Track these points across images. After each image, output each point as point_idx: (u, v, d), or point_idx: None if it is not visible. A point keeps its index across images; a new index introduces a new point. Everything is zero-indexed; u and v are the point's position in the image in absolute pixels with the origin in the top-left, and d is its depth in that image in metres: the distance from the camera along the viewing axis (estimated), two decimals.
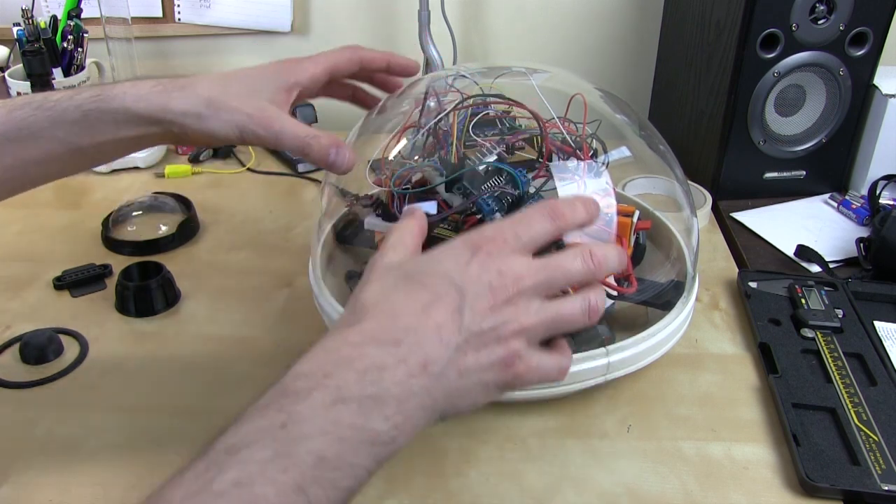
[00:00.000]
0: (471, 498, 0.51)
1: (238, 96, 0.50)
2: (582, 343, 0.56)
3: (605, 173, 0.58)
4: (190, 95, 0.49)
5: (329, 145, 0.51)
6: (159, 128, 0.49)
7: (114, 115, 0.49)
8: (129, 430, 0.56)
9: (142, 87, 0.49)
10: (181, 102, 0.49)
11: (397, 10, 1.09)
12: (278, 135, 0.50)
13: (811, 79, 0.83)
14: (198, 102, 0.49)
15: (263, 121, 0.50)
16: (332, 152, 0.51)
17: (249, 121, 0.49)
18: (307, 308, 0.67)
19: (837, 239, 0.81)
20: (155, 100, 0.49)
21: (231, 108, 0.49)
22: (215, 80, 0.50)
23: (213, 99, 0.49)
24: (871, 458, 0.52)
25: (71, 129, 0.48)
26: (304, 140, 0.50)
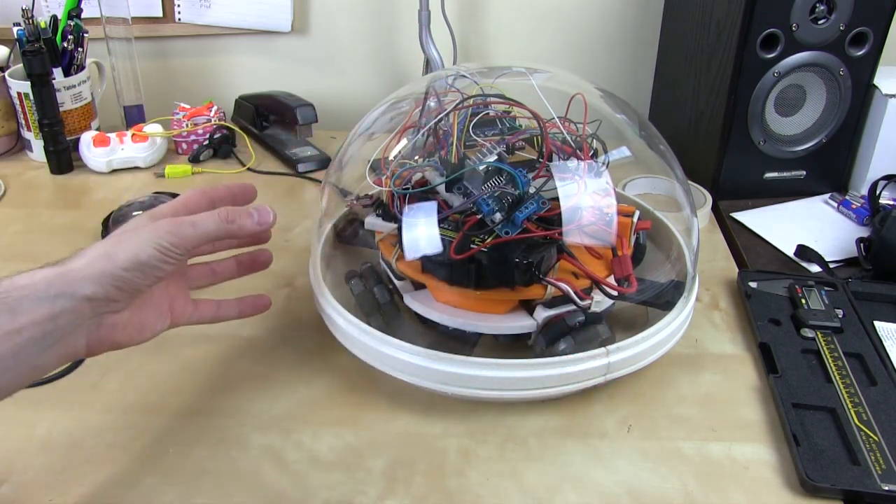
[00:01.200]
0: (471, 498, 0.51)
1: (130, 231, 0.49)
2: (582, 343, 0.56)
3: (605, 173, 0.58)
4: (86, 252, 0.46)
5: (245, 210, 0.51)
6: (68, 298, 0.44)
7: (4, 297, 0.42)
8: (129, 430, 0.56)
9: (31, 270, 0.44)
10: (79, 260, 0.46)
11: (397, 10, 1.09)
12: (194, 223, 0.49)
13: (811, 79, 0.83)
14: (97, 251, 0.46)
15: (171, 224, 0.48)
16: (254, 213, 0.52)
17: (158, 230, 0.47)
18: (307, 308, 0.67)
19: (837, 239, 0.81)
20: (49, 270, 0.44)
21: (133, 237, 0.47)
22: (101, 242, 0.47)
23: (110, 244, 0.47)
24: (871, 458, 0.52)
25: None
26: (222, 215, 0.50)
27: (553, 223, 0.56)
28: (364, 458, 0.53)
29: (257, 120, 1.06)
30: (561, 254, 0.56)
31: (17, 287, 0.42)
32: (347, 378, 0.60)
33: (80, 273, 0.44)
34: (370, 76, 1.15)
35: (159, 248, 0.46)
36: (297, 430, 0.56)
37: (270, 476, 0.52)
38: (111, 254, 0.45)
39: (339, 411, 0.58)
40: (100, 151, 0.94)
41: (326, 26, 1.11)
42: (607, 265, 0.59)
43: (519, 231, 0.54)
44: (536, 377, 0.53)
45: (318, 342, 0.63)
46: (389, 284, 0.63)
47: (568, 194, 0.56)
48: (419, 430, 0.56)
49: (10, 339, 0.41)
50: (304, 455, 0.54)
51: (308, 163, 0.97)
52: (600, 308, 0.59)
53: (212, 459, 0.53)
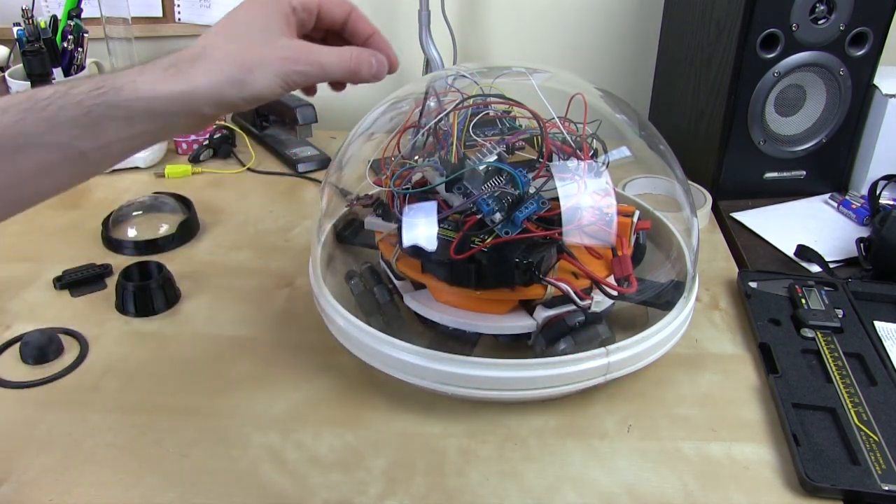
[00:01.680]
0: (471, 498, 0.51)
1: (261, 45, 0.45)
2: (582, 343, 0.56)
3: (605, 173, 0.58)
4: (210, 67, 0.43)
5: (369, 55, 0.48)
6: (185, 114, 0.44)
7: (126, 109, 0.42)
8: (129, 430, 0.56)
9: (151, 72, 0.43)
10: (208, 78, 0.43)
11: (397, 10, 1.09)
12: (324, 66, 0.46)
13: (811, 79, 0.83)
14: (225, 71, 0.43)
15: (302, 58, 0.45)
16: (373, 63, 0.49)
17: (289, 63, 0.45)
18: (307, 308, 0.67)
19: (837, 239, 0.81)
20: (175, 85, 0.42)
21: (263, 61, 0.44)
22: (222, 39, 0.45)
23: (238, 59, 0.44)
24: (871, 458, 0.52)
25: (71, 130, 0.41)
26: (350, 63, 0.47)
27: (553, 223, 0.56)
28: (364, 458, 0.53)
29: (257, 120, 1.06)
30: (561, 254, 0.56)
31: (139, 98, 0.42)
32: (347, 378, 0.60)
33: (204, 94, 0.43)
34: None
35: (284, 87, 0.45)
36: (297, 430, 0.56)
37: (270, 476, 0.52)
38: (239, 82, 0.44)
39: (339, 411, 0.58)
40: None
41: None
42: (607, 265, 0.58)
43: (519, 231, 0.54)
44: (536, 377, 0.53)
45: (318, 342, 0.63)
46: (389, 284, 0.63)
47: (568, 194, 0.56)
48: (419, 430, 0.56)
49: (124, 142, 0.43)
50: (303, 455, 0.54)
51: (308, 163, 0.97)
52: (600, 308, 0.59)
53: (212, 459, 0.53)
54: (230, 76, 0.43)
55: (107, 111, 0.41)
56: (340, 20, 0.51)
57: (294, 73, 0.45)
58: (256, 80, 0.44)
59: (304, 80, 0.46)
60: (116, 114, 0.42)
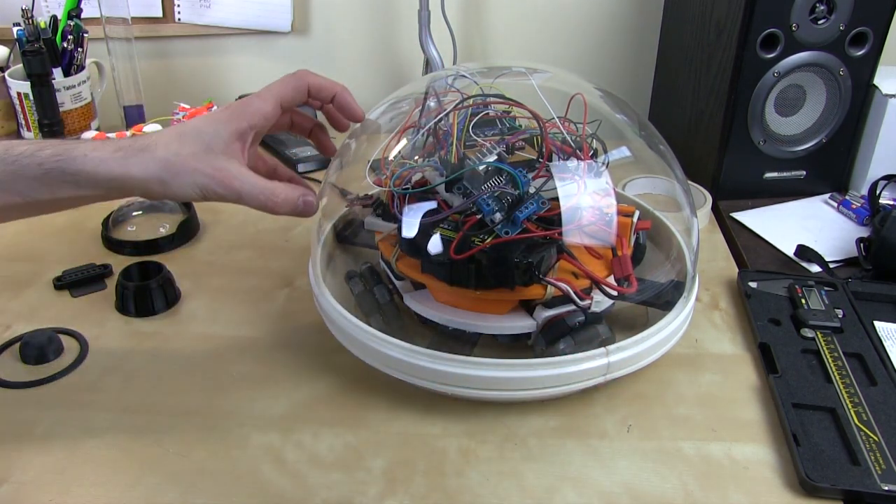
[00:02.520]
0: (471, 498, 0.51)
1: (195, 156, 0.51)
2: (582, 343, 0.56)
3: (605, 173, 0.58)
4: (148, 161, 0.50)
5: (292, 199, 0.53)
6: (119, 191, 0.51)
7: (74, 176, 0.50)
8: (129, 430, 0.56)
9: (103, 150, 0.51)
10: (140, 169, 0.50)
11: (397, 10, 1.09)
12: (239, 194, 0.52)
13: (811, 79, 0.83)
14: (156, 168, 0.50)
15: (224, 181, 0.51)
16: (300, 204, 0.54)
17: (210, 181, 0.51)
18: (307, 308, 0.67)
19: (837, 239, 0.81)
20: (115, 167, 0.50)
21: (190, 170, 0.50)
22: (171, 139, 0.51)
23: (171, 162, 0.50)
24: (871, 458, 0.52)
25: (31, 184, 0.50)
26: (266, 199, 0.52)
27: (553, 223, 0.56)
28: (364, 458, 0.53)
29: None
30: (561, 254, 0.56)
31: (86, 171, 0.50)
32: (347, 378, 0.60)
33: (135, 183, 0.51)
34: (370, 76, 1.15)
35: (201, 196, 0.51)
36: (297, 430, 0.56)
37: (270, 476, 0.52)
38: (163, 182, 0.51)
39: (339, 411, 0.58)
40: None
41: (326, 26, 1.11)
42: (607, 265, 0.58)
43: (519, 231, 0.54)
44: (536, 377, 0.53)
45: (318, 342, 0.63)
46: (389, 284, 0.63)
47: (568, 194, 0.56)
48: (419, 430, 0.56)
49: (72, 200, 0.52)
50: (303, 455, 0.54)
51: (308, 163, 0.97)
52: (600, 308, 0.59)
53: (212, 459, 0.53)
54: (157, 175, 0.50)
55: (60, 175, 0.50)
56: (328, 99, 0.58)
57: (212, 192, 0.51)
58: (178, 185, 0.51)
59: (221, 199, 0.52)
60: (66, 178, 0.50)
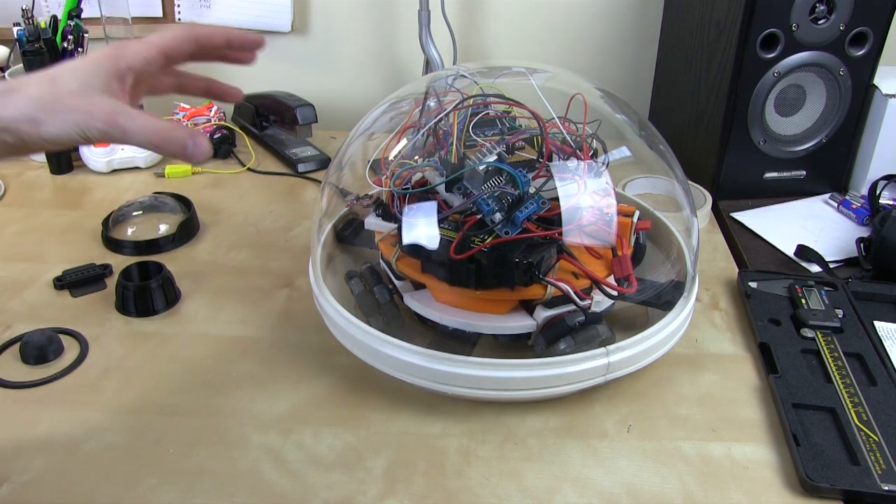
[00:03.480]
0: (471, 498, 0.51)
1: (71, 93, 0.46)
2: (582, 343, 0.56)
3: (605, 173, 0.58)
4: (18, 100, 0.45)
5: (184, 136, 0.47)
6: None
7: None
8: (129, 430, 0.56)
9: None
10: (11, 108, 0.45)
11: (397, 10, 1.09)
12: (125, 129, 0.46)
13: (811, 79, 0.83)
14: (29, 106, 0.45)
15: (105, 116, 0.45)
16: (189, 144, 0.47)
17: (90, 118, 0.45)
18: (307, 308, 0.67)
19: (837, 239, 0.81)
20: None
21: (67, 108, 0.45)
22: (43, 78, 0.46)
23: (45, 100, 0.45)
24: (871, 458, 0.52)
25: None
26: (153, 137, 0.47)
27: (553, 223, 0.56)
28: (364, 458, 0.53)
29: (257, 120, 1.06)
30: (561, 254, 0.56)
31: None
32: (347, 378, 0.60)
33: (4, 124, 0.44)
34: (370, 76, 1.15)
35: (82, 137, 0.45)
36: (297, 430, 0.56)
37: (270, 476, 0.52)
38: (37, 121, 0.45)
39: (339, 411, 0.58)
40: (100, 151, 0.94)
41: (326, 26, 1.11)
42: (607, 265, 0.58)
43: (519, 231, 0.54)
44: (536, 377, 0.53)
45: (318, 342, 0.63)
46: (389, 284, 0.63)
47: (568, 194, 0.56)
48: (419, 430, 0.56)
49: None
50: (303, 455, 0.54)
51: (308, 163, 0.97)
52: (600, 308, 0.59)
53: (212, 459, 0.53)
54: (29, 114, 0.45)
55: None
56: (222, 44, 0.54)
57: (93, 129, 0.45)
58: (52, 124, 0.45)
59: (104, 137, 0.46)
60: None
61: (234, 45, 0.55)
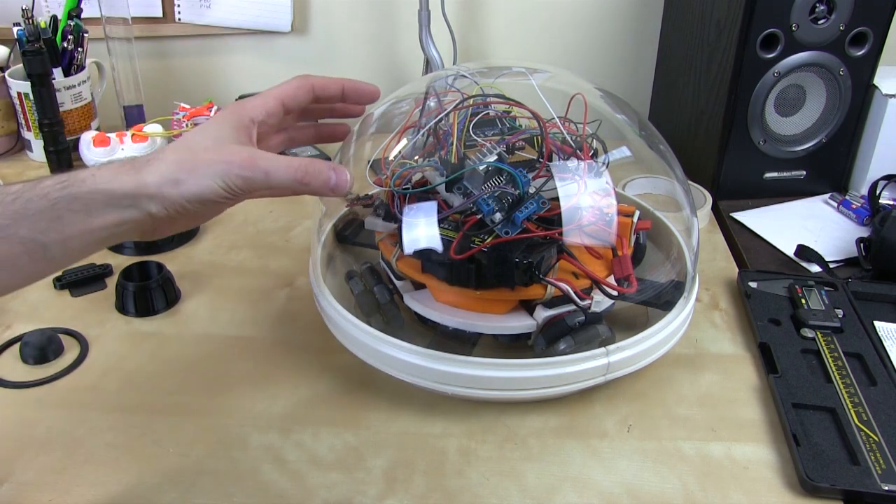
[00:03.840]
0: (471, 498, 0.51)
1: (206, 150, 0.47)
2: (582, 343, 0.56)
3: (605, 173, 0.58)
4: (159, 165, 0.46)
5: (325, 172, 0.49)
6: (135, 210, 0.46)
7: (86, 200, 0.44)
8: (129, 430, 0.56)
9: (108, 169, 0.46)
10: (154, 175, 0.46)
11: (397, 10, 1.09)
12: (267, 172, 0.47)
13: (811, 79, 0.83)
14: (169, 169, 0.46)
15: (246, 162, 0.46)
16: (332, 177, 0.49)
17: (230, 167, 0.46)
18: (307, 308, 0.67)
19: (837, 239, 0.81)
20: (127, 179, 0.45)
21: (206, 162, 0.46)
22: (178, 146, 0.48)
23: (185, 160, 0.46)
24: (871, 458, 0.52)
25: (36, 222, 0.43)
26: (297, 174, 0.47)
27: (553, 223, 0.56)
28: (364, 458, 0.53)
29: None
30: (561, 254, 0.56)
31: (97, 190, 0.45)
32: (347, 378, 0.60)
33: (150, 191, 0.46)
34: (370, 76, 1.14)
35: (226, 189, 0.46)
36: (297, 430, 0.56)
37: (270, 476, 0.52)
38: (179, 181, 0.46)
39: (339, 411, 0.58)
40: (100, 151, 0.94)
41: (326, 26, 1.11)
42: (607, 265, 0.58)
43: (519, 231, 0.54)
44: (536, 377, 0.53)
45: (318, 342, 0.63)
46: (389, 284, 0.63)
47: (568, 194, 0.56)
48: (419, 430, 0.56)
49: (83, 237, 0.45)
50: (303, 455, 0.54)
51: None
52: (600, 308, 0.59)
53: (212, 459, 0.53)
54: (171, 176, 0.46)
55: (70, 203, 0.44)
56: (337, 95, 0.55)
57: (236, 177, 0.46)
58: (195, 181, 0.46)
59: (247, 185, 0.47)
60: (77, 206, 0.44)
61: (349, 97, 0.56)
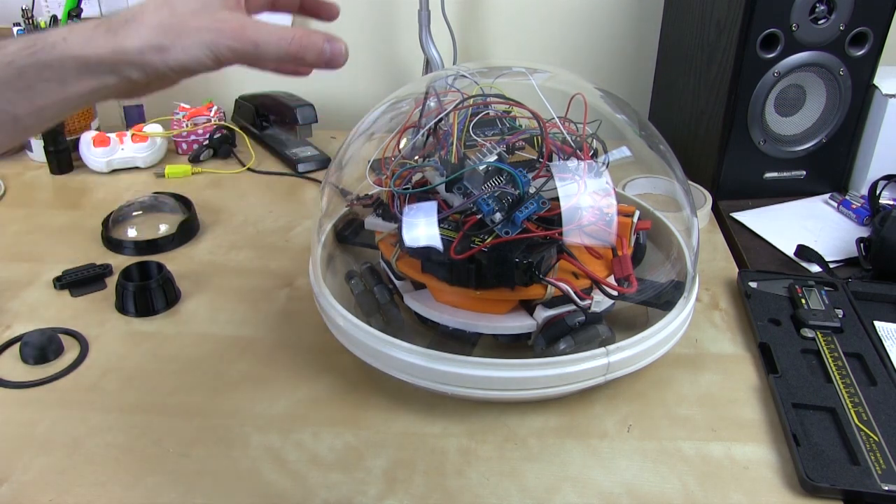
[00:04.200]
0: (471, 498, 0.51)
1: (194, 14, 0.42)
2: (582, 343, 0.56)
3: (605, 173, 0.58)
4: (139, 29, 0.41)
5: (318, 43, 0.44)
6: (114, 76, 0.42)
7: (58, 68, 0.41)
8: (129, 430, 0.56)
9: (81, 31, 0.41)
10: (134, 39, 0.41)
11: (397, 10, 1.09)
12: (256, 42, 0.42)
13: (811, 79, 0.83)
14: (152, 33, 0.41)
15: (236, 32, 0.42)
16: (327, 48, 0.44)
17: (219, 36, 0.42)
18: (307, 308, 0.67)
19: (837, 239, 0.81)
20: (102, 43, 0.41)
21: (192, 29, 0.42)
22: (159, 4, 0.42)
23: (168, 24, 0.42)
24: (871, 458, 0.52)
25: (3, 92, 0.40)
26: (291, 46, 0.43)
27: (553, 223, 0.56)
28: (364, 458, 0.53)
29: (257, 120, 1.06)
30: (561, 254, 0.56)
31: (70, 56, 0.41)
32: (347, 378, 0.60)
33: (130, 57, 0.42)
34: (370, 76, 1.15)
35: (212, 58, 0.42)
36: (297, 430, 0.56)
37: (270, 476, 0.52)
38: (163, 48, 0.41)
39: (339, 411, 0.58)
40: (100, 151, 0.94)
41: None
42: (607, 265, 0.58)
43: (519, 231, 0.54)
44: (536, 377, 0.53)
45: (318, 342, 0.63)
46: (389, 284, 0.63)
47: (568, 194, 0.56)
48: (419, 430, 0.56)
49: (57, 105, 0.42)
50: (304, 455, 0.54)
51: (308, 163, 0.97)
52: (600, 308, 0.59)
53: (212, 459, 0.53)
54: (155, 41, 0.41)
55: (38, 71, 0.41)
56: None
57: (224, 48, 0.42)
58: (181, 48, 0.42)
59: (235, 56, 0.43)
60: (49, 75, 0.41)
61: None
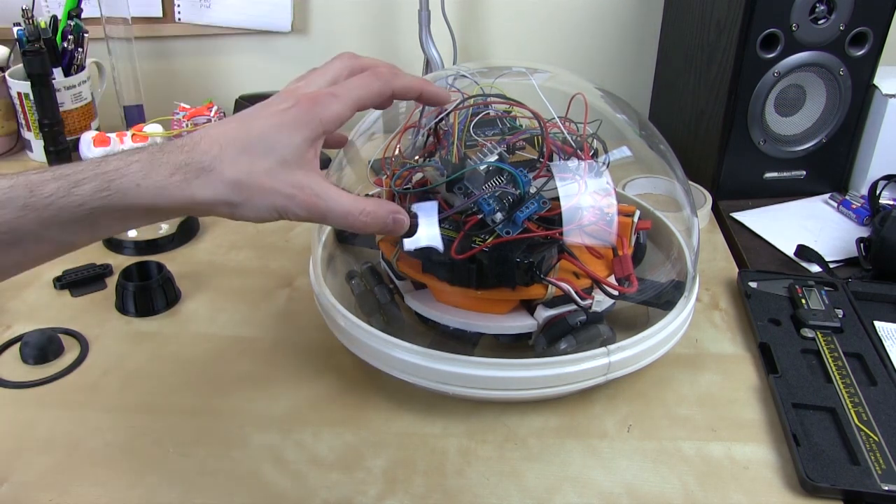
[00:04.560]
0: (471, 498, 0.51)
1: (269, 173, 0.43)
2: (582, 343, 0.56)
3: (605, 173, 0.58)
4: (215, 182, 0.42)
5: (382, 217, 0.46)
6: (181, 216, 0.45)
7: (126, 212, 0.42)
8: (129, 430, 0.56)
9: (156, 174, 0.42)
10: (207, 191, 0.42)
11: (397, 10, 1.09)
12: (324, 215, 0.44)
13: (811, 79, 0.83)
14: (225, 191, 0.42)
15: (306, 202, 0.43)
16: (390, 220, 0.47)
17: (289, 203, 0.43)
18: (307, 308, 0.67)
19: (837, 239, 0.81)
20: (176, 193, 0.42)
21: (265, 191, 0.43)
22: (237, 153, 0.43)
23: (242, 183, 0.42)
24: (871, 458, 0.52)
25: (70, 229, 0.41)
26: (354, 219, 0.45)
27: (554, 223, 0.56)
28: (364, 458, 0.53)
29: None
30: (562, 253, 0.56)
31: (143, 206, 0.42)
32: (347, 378, 0.60)
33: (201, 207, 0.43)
34: None
35: (278, 218, 0.44)
36: (297, 430, 0.56)
37: (270, 476, 0.52)
38: (233, 205, 0.43)
39: (339, 411, 0.58)
40: (100, 151, 0.94)
41: (326, 26, 1.11)
42: (608, 265, 0.59)
43: (520, 231, 0.54)
44: (537, 377, 0.53)
45: (319, 342, 0.63)
46: (390, 284, 0.63)
47: (568, 194, 0.56)
48: (419, 430, 0.56)
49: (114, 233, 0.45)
50: (304, 455, 0.54)
51: None
52: (601, 308, 0.59)
53: (212, 459, 0.53)
54: (227, 198, 0.43)
55: (108, 214, 0.42)
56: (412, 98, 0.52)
57: (293, 214, 0.44)
58: (251, 207, 0.43)
59: (299, 219, 0.45)
60: (118, 216, 0.42)
61: (424, 100, 0.52)
